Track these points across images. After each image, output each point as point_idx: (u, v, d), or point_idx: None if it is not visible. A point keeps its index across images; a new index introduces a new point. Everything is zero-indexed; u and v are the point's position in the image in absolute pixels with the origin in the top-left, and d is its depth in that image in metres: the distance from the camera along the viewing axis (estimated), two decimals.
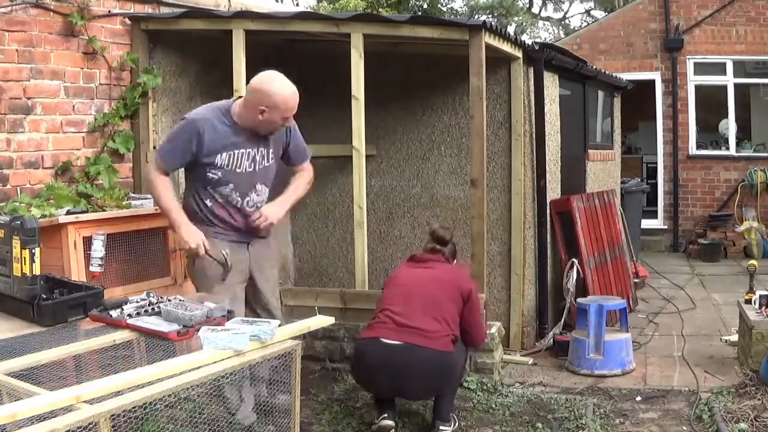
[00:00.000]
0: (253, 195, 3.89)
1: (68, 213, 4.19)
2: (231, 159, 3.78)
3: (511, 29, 20.42)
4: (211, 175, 3.78)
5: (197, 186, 3.86)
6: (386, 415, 4.11)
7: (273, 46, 6.38)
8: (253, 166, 3.85)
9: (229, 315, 3.41)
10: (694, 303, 7.37)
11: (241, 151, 3.80)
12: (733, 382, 4.90)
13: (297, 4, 20.47)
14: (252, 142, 3.82)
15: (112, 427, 2.53)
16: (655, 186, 11.13)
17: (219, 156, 3.76)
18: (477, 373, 4.94)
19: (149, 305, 3.47)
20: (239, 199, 3.86)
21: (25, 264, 3.33)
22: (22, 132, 4.68)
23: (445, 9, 23.36)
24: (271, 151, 3.93)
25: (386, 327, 4.09)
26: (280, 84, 3.72)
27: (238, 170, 3.80)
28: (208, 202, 3.84)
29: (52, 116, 4.86)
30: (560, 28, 24.82)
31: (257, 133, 3.82)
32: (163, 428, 3.28)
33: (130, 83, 5.31)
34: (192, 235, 3.71)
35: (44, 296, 3.39)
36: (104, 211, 4.46)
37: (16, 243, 3.34)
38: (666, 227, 11.00)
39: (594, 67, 7.78)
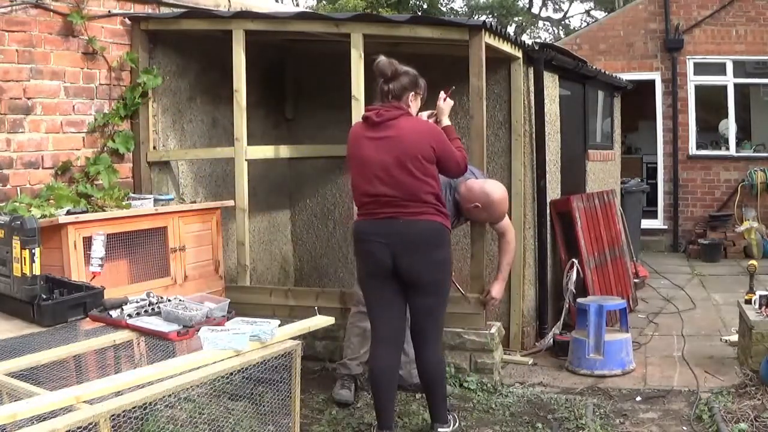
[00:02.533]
0: None
1: (68, 213, 4.19)
2: None
3: (511, 29, 20.45)
4: None
5: None
6: None
7: (273, 46, 6.38)
8: None
9: (230, 315, 3.42)
10: (694, 303, 7.37)
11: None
12: (733, 382, 4.90)
13: (297, 4, 20.50)
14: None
15: (112, 427, 2.53)
16: (655, 186, 11.13)
17: None
18: (477, 373, 4.94)
19: (149, 305, 3.47)
20: None
21: (25, 264, 3.33)
22: (22, 132, 4.68)
23: (445, 9, 23.38)
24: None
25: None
26: (502, 195, 4.57)
27: None
28: None
29: (52, 116, 4.86)
30: (560, 28, 24.83)
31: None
32: (163, 428, 3.29)
33: (130, 83, 5.31)
34: None
35: (44, 296, 3.39)
36: (104, 211, 4.46)
37: (16, 243, 3.34)
38: (666, 227, 11.01)
39: (594, 67, 7.78)
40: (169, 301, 3.51)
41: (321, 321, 3.64)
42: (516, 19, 23.95)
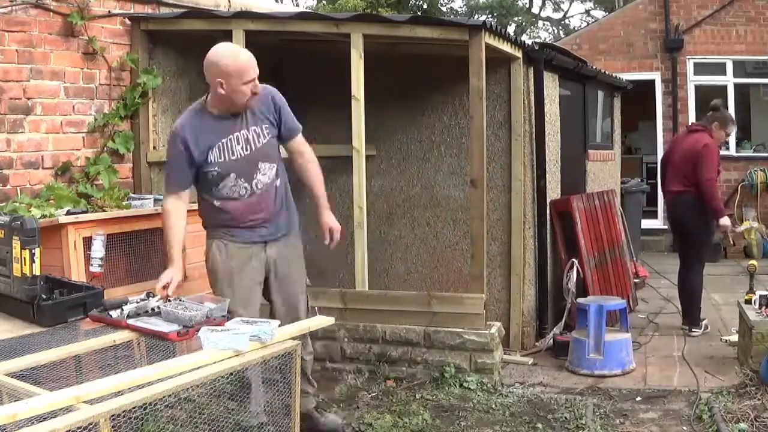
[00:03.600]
0: (259, 176, 3.78)
1: (68, 213, 4.19)
2: (222, 150, 3.69)
3: (511, 29, 20.45)
4: (211, 174, 3.71)
5: (204, 191, 3.82)
6: None
7: (273, 47, 6.38)
8: (248, 148, 3.74)
9: (230, 315, 3.41)
10: None
11: (229, 137, 3.70)
12: (733, 382, 4.90)
13: (297, 4, 20.50)
14: (238, 125, 3.72)
15: (112, 427, 2.52)
16: (655, 186, 11.08)
17: (210, 152, 3.69)
18: (477, 373, 4.94)
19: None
20: (247, 185, 3.75)
21: (25, 264, 3.33)
22: (22, 132, 4.68)
23: (444, 9, 23.39)
24: (264, 127, 3.79)
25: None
26: (225, 51, 3.70)
27: (233, 158, 3.70)
28: (217, 203, 3.77)
29: (52, 116, 4.86)
30: (560, 28, 24.84)
31: (238, 113, 3.71)
32: (163, 428, 3.29)
33: (130, 83, 5.32)
34: (165, 275, 3.60)
35: (44, 296, 3.39)
36: (104, 211, 4.46)
37: (16, 243, 3.34)
38: (666, 227, 10.96)
39: (594, 67, 7.78)
40: (169, 301, 3.51)
41: (321, 321, 3.64)
42: (516, 19, 23.98)
